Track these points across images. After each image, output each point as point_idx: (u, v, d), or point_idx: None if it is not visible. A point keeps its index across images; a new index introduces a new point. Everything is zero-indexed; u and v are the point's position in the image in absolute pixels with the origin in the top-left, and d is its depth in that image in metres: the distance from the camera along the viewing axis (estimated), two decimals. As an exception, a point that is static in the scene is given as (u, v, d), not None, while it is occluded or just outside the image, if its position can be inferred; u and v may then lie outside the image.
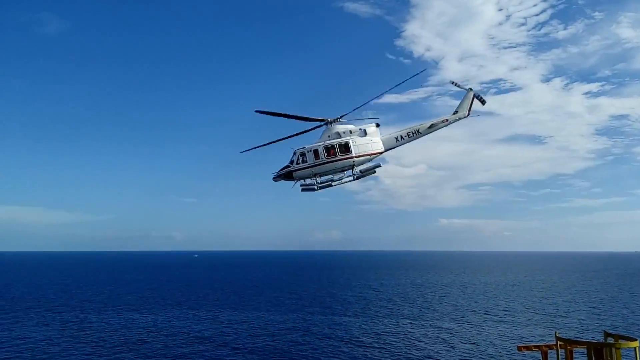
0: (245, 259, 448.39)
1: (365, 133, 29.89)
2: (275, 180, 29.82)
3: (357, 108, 28.28)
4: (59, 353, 49.25)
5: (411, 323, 68.94)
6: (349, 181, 29.21)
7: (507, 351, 51.26)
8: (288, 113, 27.51)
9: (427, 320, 71.46)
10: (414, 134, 30.23)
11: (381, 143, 29.99)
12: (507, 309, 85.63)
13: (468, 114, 29.62)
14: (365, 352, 50.48)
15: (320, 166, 29.30)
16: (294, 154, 29.33)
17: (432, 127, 30.34)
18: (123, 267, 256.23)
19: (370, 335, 59.58)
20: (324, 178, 29.40)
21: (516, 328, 65.49)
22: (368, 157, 29.40)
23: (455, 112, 29.95)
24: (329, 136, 29.62)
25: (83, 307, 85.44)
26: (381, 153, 29.91)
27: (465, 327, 65.82)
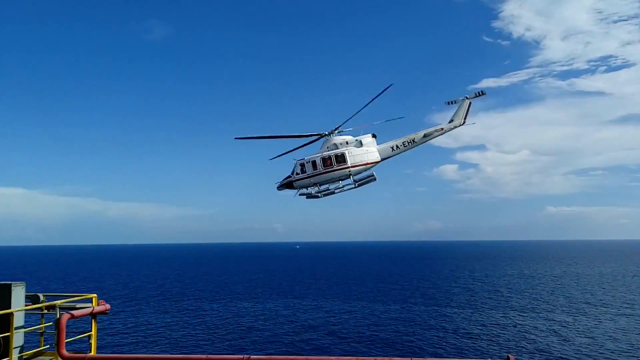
0: (345, 250, 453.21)
1: (361, 144, 30.94)
2: (279, 190, 31.45)
3: (349, 119, 29.22)
4: (179, 338, 52.99)
5: (520, 315, 66.36)
6: (350, 188, 30.46)
7: (629, 345, 47.94)
8: (272, 135, 28.95)
9: (538, 312, 68.38)
10: (410, 143, 31.15)
11: (377, 153, 31.02)
12: (627, 301, 79.69)
13: (464, 122, 29.97)
14: (473, 344, 49.47)
15: (319, 176, 30.84)
16: (295, 165, 30.89)
17: (427, 137, 30.98)
18: (229, 258, 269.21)
19: (477, 327, 58.19)
20: (324, 187, 30.77)
21: (638, 322, 60.88)
22: (364, 166, 30.69)
23: (451, 121, 30.31)
24: (327, 147, 30.84)
25: (196, 295, 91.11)
26: (378, 162, 31.03)
27: (581, 320, 62.24)
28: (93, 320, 14.53)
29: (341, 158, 30.65)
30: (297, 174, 31.31)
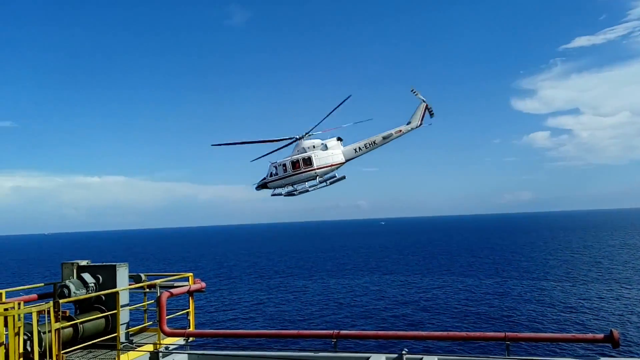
0: (430, 224, 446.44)
1: (326, 147, 33.17)
2: (257, 190, 34.32)
3: (317, 125, 31.65)
4: (271, 315, 54.55)
5: (624, 288, 62.13)
6: (322, 187, 32.95)
7: None
8: (246, 140, 31.75)
9: (646, 285, 63.74)
10: (371, 145, 33.13)
11: (342, 155, 33.28)
12: None
13: (420, 124, 31.57)
14: (573, 318, 46.97)
15: (289, 178, 33.46)
16: (269, 167, 33.65)
17: (387, 138, 32.79)
18: (315, 236, 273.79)
19: (577, 300, 55.15)
20: (298, 186, 33.18)
21: None
22: (329, 168, 32.83)
23: (409, 123, 31.76)
24: (297, 151, 33.22)
25: (287, 273, 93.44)
26: (342, 163, 33.18)
27: (697, 292, 57.29)
28: (190, 298, 15.04)
29: (308, 161, 33.12)
30: (271, 175, 34.17)
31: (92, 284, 13.64)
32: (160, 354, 13.38)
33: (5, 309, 9.69)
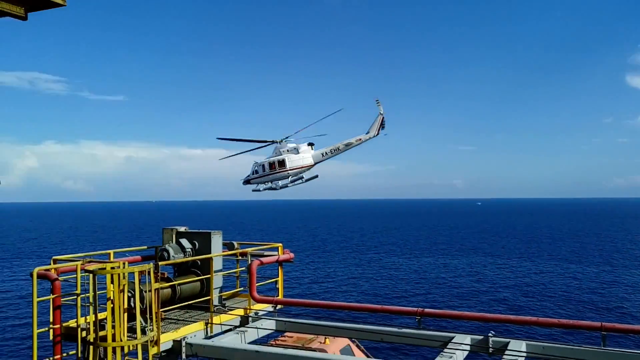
0: (531, 206, 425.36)
1: (298, 151, 38.39)
2: (244, 185, 40.61)
3: (299, 131, 37.68)
4: (359, 288, 55.02)
5: None
6: (299, 183, 38.69)
7: None
8: (245, 138, 38.30)
9: None
10: (335, 151, 37.95)
11: (311, 158, 38.27)
12: None
13: (377, 134, 35.90)
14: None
15: (267, 176, 39.61)
16: (252, 166, 39.82)
17: (349, 146, 37.10)
18: (408, 214, 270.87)
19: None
20: (275, 183, 39.35)
21: None
22: (300, 169, 38.22)
23: (367, 133, 36.12)
24: (275, 153, 38.80)
25: (378, 249, 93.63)
26: (312, 165, 38.25)
27: None
28: (279, 267, 15.50)
29: (282, 163, 38.86)
30: (254, 173, 40.43)
31: (189, 249, 14.43)
32: (250, 319, 13.95)
33: (112, 268, 10.52)
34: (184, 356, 11.79)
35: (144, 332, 10.77)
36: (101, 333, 10.33)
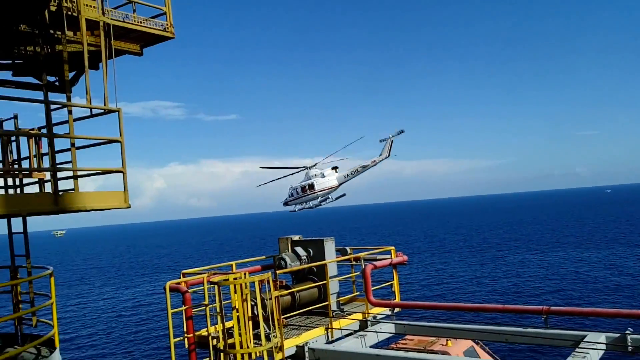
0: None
1: (324, 175, 46.58)
2: (284, 206, 50.40)
3: (325, 158, 48.07)
4: (478, 288, 52.96)
5: None
6: (329, 202, 48.27)
7: None
8: (283, 166, 47.84)
9: None
10: (355, 172, 46.13)
11: (336, 180, 46.25)
12: None
13: (389, 155, 43.09)
14: None
15: (300, 198, 47.54)
16: (289, 190, 48.87)
17: (365, 167, 45.28)
18: (527, 208, 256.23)
19: None
20: (307, 204, 48.62)
21: None
22: (327, 190, 46.23)
23: (380, 155, 43.50)
24: (306, 177, 47.54)
25: (498, 247, 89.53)
26: (337, 187, 46.93)
27: None
28: (394, 270, 15.44)
29: (312, 186, 47.08)
30: (290, 196, 49.10)
31: (304, 257, 14.87)
32: (369, 323, 14.04)
33: (234, 278, 11.13)
34: (307, 361, 12.12)
35: (268, 338, 11.26)
36: (230, 340, 10.96)
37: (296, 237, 15.49)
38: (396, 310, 14.60)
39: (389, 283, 15.40)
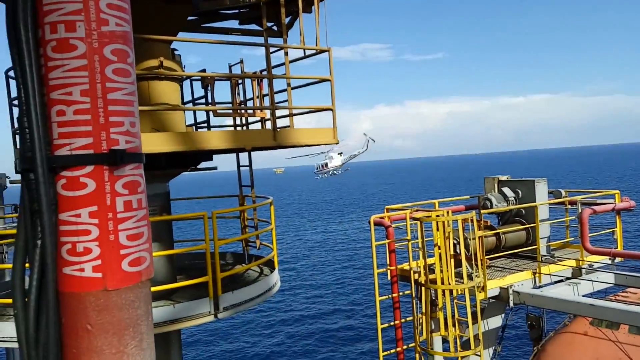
0: None
1: (332, 158, 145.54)
2: (314, 174, 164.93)
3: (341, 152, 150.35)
4: None
5: None
6: (337, 174, 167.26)
7: None
8: (311, 153, 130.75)
9: None
10: (350, 157, 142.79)
11: (340, 161, 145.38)
12: None
13: (367, 149, 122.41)
14: None
15: (321, 171, 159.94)
16: (315, 165, 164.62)
17: (355, 156, 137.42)
18: None
19: None
20: (325, 174, 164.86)
21: None
22: (335, 167, 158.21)
23: (363, 147, 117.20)
24: (325, 157, 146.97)
25: None
26: (341, 165, 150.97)
27: None
28: (617, 217, 13.87)
29: (326, 165, 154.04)
30: (316, 168, 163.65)
31: (512, 198, 14.14)
32: (584, 271, 12.99)
33: (437, 216, 11.18)
34: (511, 304, 11.80)
35: (470, 277, 11.19)
36: (431, 276, 11.16)
37: (504, 177, 14.79)
38: (617, 260, 13.22)
39: (610, 230, 13.92)
